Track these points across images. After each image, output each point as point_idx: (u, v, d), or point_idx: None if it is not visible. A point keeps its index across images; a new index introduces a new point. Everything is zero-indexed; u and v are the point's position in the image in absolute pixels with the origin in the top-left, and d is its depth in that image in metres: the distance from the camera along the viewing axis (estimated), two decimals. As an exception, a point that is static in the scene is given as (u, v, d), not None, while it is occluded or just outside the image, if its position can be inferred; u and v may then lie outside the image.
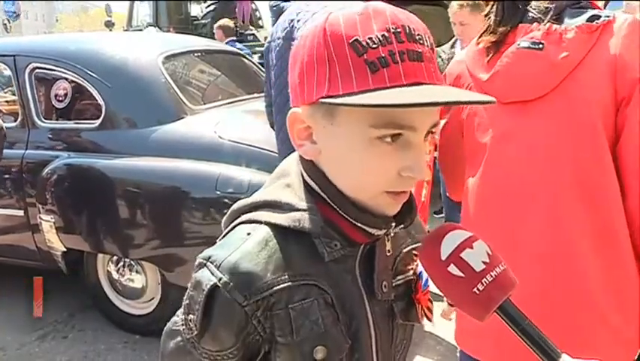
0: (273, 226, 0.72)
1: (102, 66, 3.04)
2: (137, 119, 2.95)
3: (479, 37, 1.33)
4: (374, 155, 0.67)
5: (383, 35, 0.64)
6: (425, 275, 0.81)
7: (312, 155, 0.72)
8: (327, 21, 0.67)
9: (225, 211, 0.80)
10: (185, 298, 0.74)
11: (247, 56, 4.36)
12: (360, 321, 0.75)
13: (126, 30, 10.42)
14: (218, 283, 0.68)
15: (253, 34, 9.22)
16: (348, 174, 0.70)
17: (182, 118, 2.95)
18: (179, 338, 0.75)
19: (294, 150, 0.77)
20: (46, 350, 3.00)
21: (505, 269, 0.68)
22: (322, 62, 0.66)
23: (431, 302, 0.83)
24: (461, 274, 0.67)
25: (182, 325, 0.74)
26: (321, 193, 0.72)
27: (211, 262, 0.70)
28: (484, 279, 0.66)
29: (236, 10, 9.69)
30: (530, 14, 1.25)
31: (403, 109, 0.64)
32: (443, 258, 0.68)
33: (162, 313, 2.89)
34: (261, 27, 10.27)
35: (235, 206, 0.78)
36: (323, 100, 0.65)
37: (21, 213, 3.11)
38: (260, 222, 0.73)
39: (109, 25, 11.98)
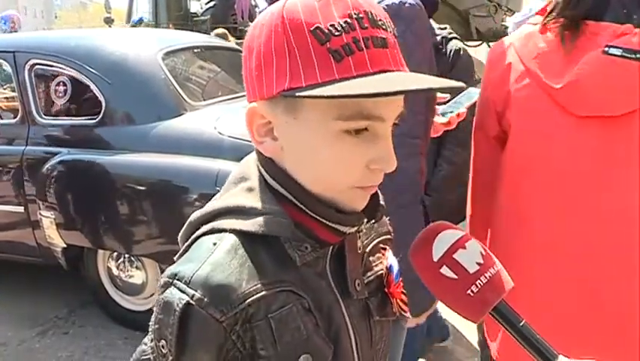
0: (239, 234, 0.67)
1: (102, 62, 3.04)
2: (137, 115, 2.95)
3: (545, 19, 1.13)
4: (341, 149, 0.63)
5: (345, 22, 0.60)
6: (396, 268, 0.79)
7: (273, 152, 0.68)
8: (284, 8, 0.62)
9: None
10: (152, 323, 0.68)
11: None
12: (338, 324, 0.71)
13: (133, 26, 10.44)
14: (191, 301, 0.62)
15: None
16: (315, 170, 0.66)
17: (182, 114, 2.94)
18: None
19: None
20: (47, 346, 3.00)
21: (500, 270, 0.66)
22: (281, 53, 0.61)
23: (404, 294, 0.79)
24: (454, 276, 0.64)
25: (153, 353, 0.68)
26: (286, 194, 0.68)
27: (178, 280, 0.64)
28: (478, 281, 0.64)
29: (235, 6, 9.68)
30: (618, 7, 1.05)
31: (371, 99, 0.60)
32: (435, 259, 0.65)
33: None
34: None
35: (192, 218, 0.73)
36: (285, 93, 0.61)
37: (21, 209, 3.11)
38: (225, 231, 0.67)
39: (108, 21, 11.95)
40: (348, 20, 0.60)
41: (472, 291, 0.64)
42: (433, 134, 1.65)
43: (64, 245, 2.99)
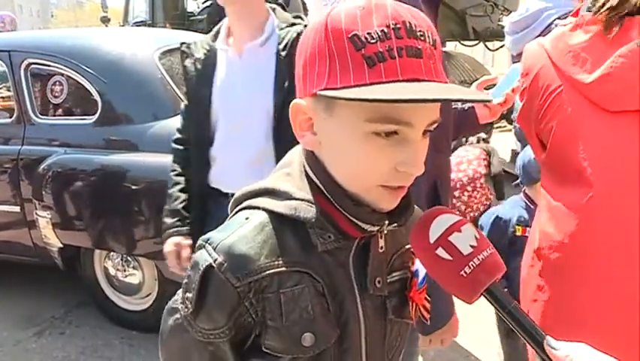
0: (270, 213, 0.74)
1: (98, 62, 3.03)
2: (134, 115, 2.94)
3: (578, 19, 1.12)
4: (369, 148, 0.67)
5: (382, 31, 0.64)
6: (422, 274, 0.81)
7: (313, 145, 0.74)
8: (329, 15, 0.68)
9: (221, 207, 0.81)
10: (185, 277, 0.76)
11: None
12: (350, 313, 0.76)
13: (122, 26, 10.40)
14: (213, 264, 0.71)
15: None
16: (345, 166, 0.71)
17: (179, 114, 2.93)
18: (177, 316, 0.78)
19: None
20: (43, 346, 3.00)
21: (493, 253, 0.69)
22: (323, 56, 0.67)
23: (428, 301, 0.83)
24: (449, 257, 0.67)
25: (181, 303, 0.76)
26: (319, 184, 0.74)
27: (209, 244, 0.73)
28: (472, 262, 0.67)
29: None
30: None
31: (398, 105, 0.64)
32: (431, 241, 0.69)
33: (159, 309, 2.88)
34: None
35: (238, 193, 0.80)
36: (320, 92, 0.67)
37: (17, 209, 3.11)
38: (258, 208, 0.75)
39: (105, 20, 11.92)
40: (385, 30, 0.64)
41: (465, 272, 0.67)
42: (492, 117, 1.64)
43: (61, 245, 2.98)
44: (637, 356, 1.09)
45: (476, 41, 7.11)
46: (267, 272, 0.71)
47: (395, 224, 0.77)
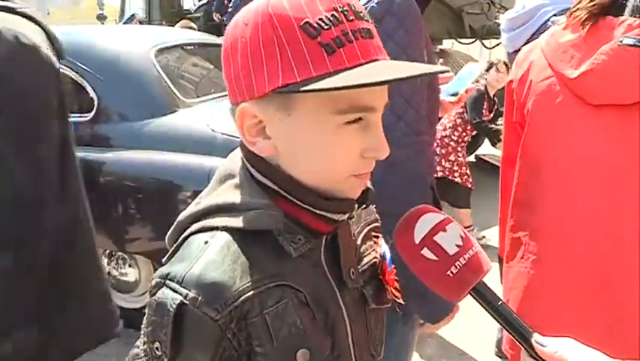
0: (231, 231, 0.66)
1: (94, 59, 3.03)
2: (130, 113, 2.93)
3: (569, 17, 1.19)
4: (338, 141, 0.65)
5: (332, 15, 0.61)
6: (388, 255, 0.81)
7: (268, 151, 0.68)
8: (269, 5, 0.62)
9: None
10: (144, 325, 0.68)
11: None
12: (335, 315, 0.72)
13: (118, 23, 10.38)
14: (185, 300, 0.62)
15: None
16: (312, 163, 0.67)
17: (175, 111, 2.94)
18: None
19: None
20: (40, 344, 2.99)
21: (478, 252, 0.69)
22: (271, 50, 0.61)
23: (398, 282, 0.80)
24: (435, 258, 0.67)
25: (146, 356, 0.68)
26: (275, 188, 0.68)
27: (170, 280, 0.64)
28: (458, 262, 0.67)
29: (230, 3, 9.65)
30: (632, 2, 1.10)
31: (366, 90, 0.62)
32: (417, 241, 0.68)
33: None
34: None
35: (179, 218, 0.73)
36: (281, 90, 0.61)
37: (13, 206, 3.09)
38: (216, 229, 0.67)
39: (101, 18, 11.89)
40: (335, 14, 0.61)
41: (451, 272, 0.67)
42: (443, 112, 1.70)
43: (57, 243, 2.97)
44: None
45: (473, 39, 7.11)
46: (247, 295, 0.64)
47: (364, 206, 0.75)
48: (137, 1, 9.81)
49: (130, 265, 3.05)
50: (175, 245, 0.71)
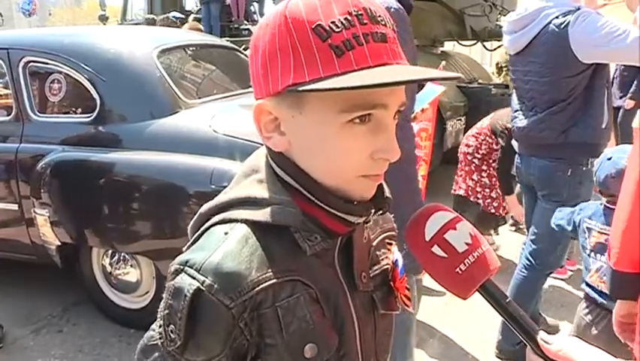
0: (251, 224, 0.69)
1: (97, 60, 3.03)
2: (132, 113, 2.94)
3: None
4: (346, 139, 0.66)
5: (346, 19, 0.63)
6: (401, 263, 0.82)
7: (282, 147, 0.70)
8: (286, 8, 0.65)
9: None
10: (161, 309, 0.70)
11: (242, 50, 4.36)
12: (344, 315, 0.74)
13: (120, 24, 10.39)
14: (202, 287, 0.64)
15: (248, 29, 9.20)
16: (322, 161, 0.69)
17: (177, 112, 2.95)
18: (156, 354, 0.72)
19: None
20: (41, 344, 3.00)
21: (487, 250, 0.70)
22: (285, 50, 0.64)
23: (408, 290, 0.83)
24: (444, 255, 0.68)
25: (161, 338, 0.69)
26: (296, 185, 0.70)
27: (189, 266, 0.66)
28: (467, 260, 0.68)
29: (231, 4, 9.66)
30: None
31: (373, 91, 0.63)
32: (427, 239, 0.69)
33: (157, 307, 2.88)
34: (256, 22, 10.24)
35: (202, 209, 0.74)
36: (289, 88, 0.64)
37: (15, 207, 3.11)
38: (236, 221, 0.70)
39: (103, 19, 11.90)
40: (348, 17, 0.63)
41: (460, 269, 0.68)
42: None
43: (59, 243, 2.98)
44: None
45: (474, 41, 7.11)
46: (261, 286, 0.66)
47: (380, 211, 0.76)
48: (139, 1, 9.81)
49: (131, 266, 3.05)
50: (196, 235, 0.73)
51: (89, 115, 3.01)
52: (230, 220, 0.70)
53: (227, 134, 2.74)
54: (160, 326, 0.70)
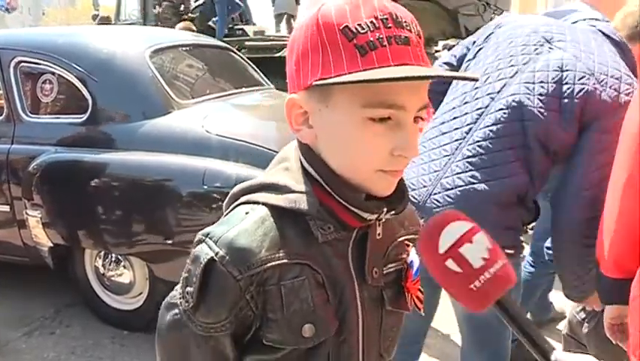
0: (270, 207, 0.75)
1: (89, 60, 3.01)
2: (124, 114, 2.93)
3: None
4: (366, 134, 0.70)
5: (371, 22, 0.68)
6: (416, 265, 0.82)
7: (309, 139, 0.75)
8: (319, 11, 0.71)
9: (213, 205, 0.82)
10: (184, 272, 0.77)
11: (235, 50, 4.34)
12: (349, 304, 0.78)
13: (114, 24, 10.35)
14: (215, 257, 0.72)
15: (242, 29, 9.18)
16: (343, 154, 0.73)
17: (170, 112, 2.93)
18: (175, 311, 0.78)
19: None
20: (34, 346, 2.97)
21: (504, 265, 0.66)
22: (316, 49, 0.70)
23: (422, 292, 0.85)
24: (459, 270, 0.65)
25: (180, 297, 0.77)
26: (317, 177, 0.75)
27: (210, 238, 0.74)
28: (482, 276, 0.64)
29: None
30: None
31: (393, 90, 0.67)
32: (441, 251, 0.66)
33: (150, 309, 2.88)
34: (248, 22, 10.21)
35: (235, 189, 0.82)
36: (316, 82, 0.69)
37: (7, 208, 3.08)
38: (258, 203, 0.76)
39: (96, 18, 11.83)
40: (374, 21, 0.68)
41: (475, 286, 0.65)
42: None
43: (51, 244, 2.96)
44: None
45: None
46: (269, 264, 0.73)
47: (393, 211, 0.78)
48: (133, 1, 9.77)
49: (124, 267, 3.03)
50: (226, 212, 0.81)
51: (81, 116, 2.99)
52: (253, 202, 0.77)
53: (220, 134, 2.73)
54: (180, 287, 0.77)
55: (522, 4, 12.25)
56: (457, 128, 1.61)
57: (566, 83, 1.51)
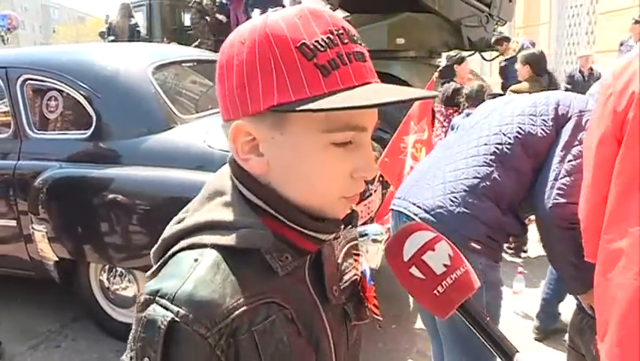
0: (220, 248, 0.66)
1: (92, 77, 3.07)
2: (127, 129, 2.97)
3: None
4: (329, 160, 0.66)
5: (328, 37, 0.63)
6: (368, 273, 0.83)
7: (259, 168, 0.69)
8: (266, 25, 0.63)
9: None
10: (133, 342, 0.65)
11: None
12: (319, 330, 0.73)
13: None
14: (177, 318, 0.61)
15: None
16: (302, 182, 0.68)
17: (172, 127, 2.97)
18: None
19: None
20: (39, 360, 3.00)
21: (466, 272, 0.70)
22: (267, 69, 0.62)
23: (377, 299, 0.83)
24: (422, 276, 0.69)
25: None
26: (265, 207, 0.69)
27: (161, 297, 0.63)
28: (444, 282, 0.68)
29: (231, 20, 9.74)
30: None
31: (357, 112, 0.63)
32: (405, 259, 0.70)
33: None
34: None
35: (165, 234, 0.72)
36: (276, 109, 0.62)
37: (13, 223, 3.13)
38: (205, 246, 0.67)
39: (103, 35, 11.96)
40: (330, 36, 0.63)
41: (437, 291, 0.68)
42: None
43: (57, 258, 3.00)
44: None
45: (472, 52, 7.14)
46: (236, 313, 0.64)
47: (350, 226, 0.77)
48: (139, 18, 9.89)
49: (129, 281, 3.07)
50: (161, 261, 0.70)
51: (85, 131, 3.04)
52: (200, 245, 0.67)
53: (222, 149, 2.75)
54: (132, 359, 0.66)
55: (525, 15, 12.29)
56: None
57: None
